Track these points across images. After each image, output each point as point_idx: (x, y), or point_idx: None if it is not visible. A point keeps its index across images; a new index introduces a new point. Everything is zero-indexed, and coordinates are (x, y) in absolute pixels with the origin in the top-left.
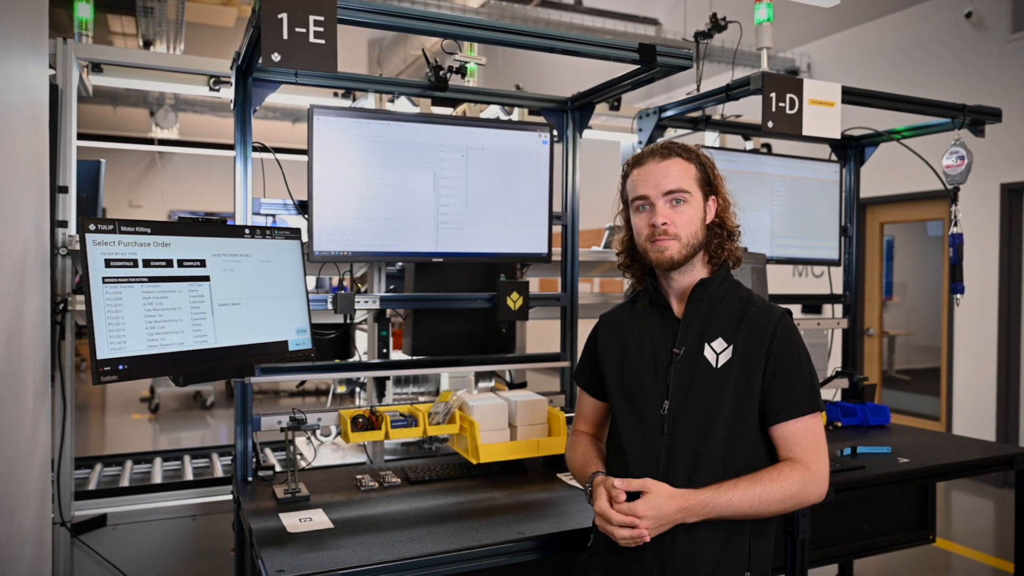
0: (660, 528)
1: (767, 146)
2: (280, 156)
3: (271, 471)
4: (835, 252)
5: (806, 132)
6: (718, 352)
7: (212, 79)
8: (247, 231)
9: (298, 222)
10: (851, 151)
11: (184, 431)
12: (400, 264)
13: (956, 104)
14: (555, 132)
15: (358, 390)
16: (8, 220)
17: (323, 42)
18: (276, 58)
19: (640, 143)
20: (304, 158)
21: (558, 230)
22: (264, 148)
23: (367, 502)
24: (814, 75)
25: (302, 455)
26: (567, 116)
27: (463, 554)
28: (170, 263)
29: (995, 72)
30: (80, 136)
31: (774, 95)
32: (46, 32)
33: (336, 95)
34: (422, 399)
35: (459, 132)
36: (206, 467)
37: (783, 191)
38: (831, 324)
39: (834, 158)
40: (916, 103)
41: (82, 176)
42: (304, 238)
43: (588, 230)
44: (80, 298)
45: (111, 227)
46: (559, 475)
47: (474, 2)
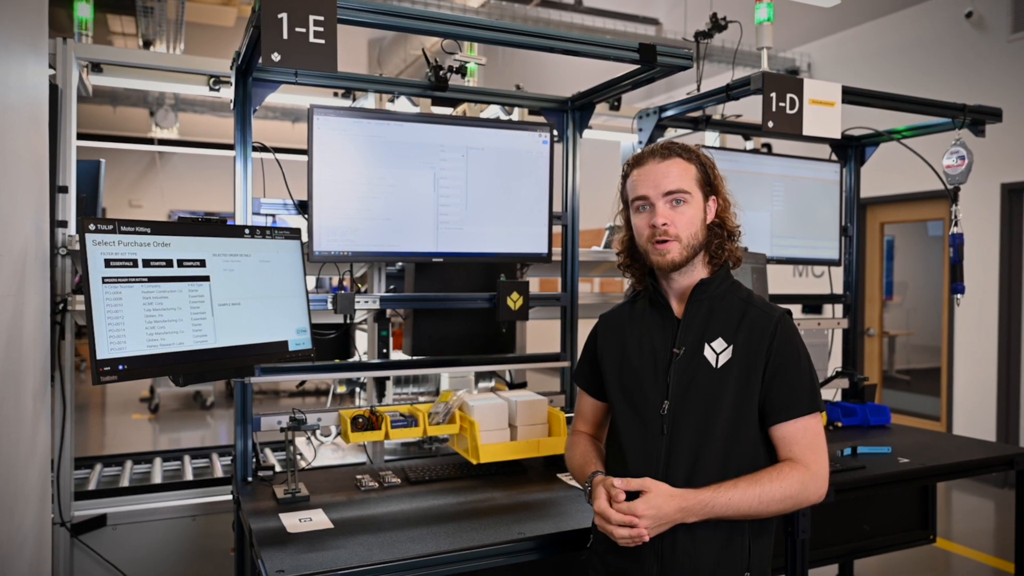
0: (659, 528)
1: (767, 146)
2: (280, 156)
3: (271, 471)
4: (835, 252)
5: (806, 132)
6: (718, 352)
7: (212, 79)
8: (247, 231)
9: (298, 222)
10: (851, 151)
11: (184, 431)
12: (400, 264)
13: (956, 104)
14: (555, 132)
15: (358, 390)
16: (8, 220)
17: (323, 42)
18: (276, 58)
19: (640, 143)
20: (304, 158)
21: (558, 230)
22: (264, 148)
23: (367, 502)
24: (814, 75)
25: (302, 455)
26: (567, 116)
27: (463, 554)
28: (170, 263)
29: (995, 72)
30: (80, 136)
31: (774, 95)
32: (46, 32)
33: (336, 95)
34: (422, 399)
35: (459, 132)
36: (206, 467)
37: (783, 191)
38: (831, 324)
39: (834, 158)
40: (916, 103)
41: (82, 176)
42: (304, 238)
43: (588, 230)
44: (80, 298)
45: (111, 227)
46: (559, 475)
47: (474, 2)
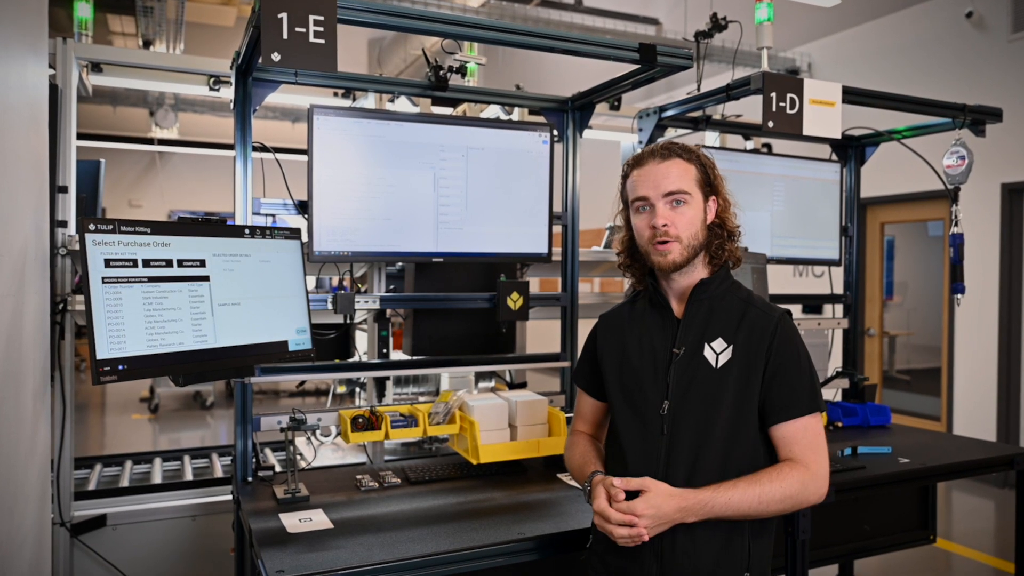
0: (659, 527)
1: (767, 146)
2: (280, 156)
3: (271, 471)
4: (835, 252)
5: (806, 132)
6: (718, 352)
7: (212, 79)
8: (247, 231)
9: (298, 222)
10: (851, 151)
11: (184, 431)
12: (400, 264)
13: (957, 104)
14: (555, 132)
15: (358, 390)
16: (8, 220)
17: (323, 42)
18: (276, 58)
19: (640, 143)
20: (304, 158)
21: (558, 230)
22: (264, 148)
23: (367, 502)
24: (814, 75)
25: (302, 455)
26: (567, 116)
27: (463, 554)
28: (170, 263)
29: (996, 72)
30: (80, 136)
31: (774, 95)
32: (46, 32)
33: (336, 95)
34: (422, 399)
35: (459, 132)
36: (206, 467)
37: (783, 191)
38: (831, 324)
39: (834, 158)
40: (917, 103)
41: (82, 176)
42: (304, 238)
43: (588, 230)
44: (80, 298)
45: (111, 227)
46: (559, 475)
47: (474, 2)
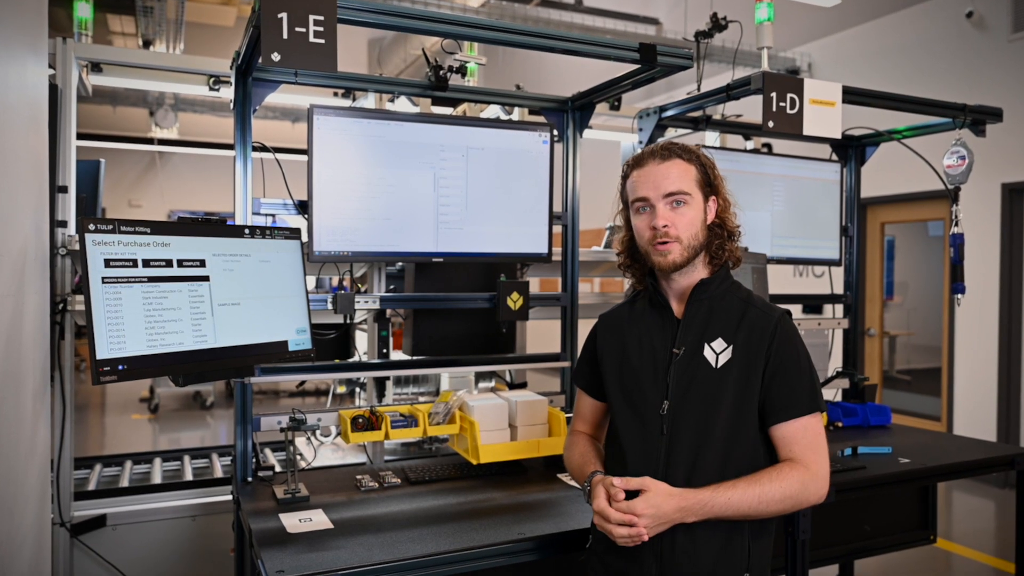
0: (659, 527)
1: (768, 146)
2: (280, 156)
3: (271, 471)
4: (836, 252)
5: (807, 132)
6: (718, 352)
7: (212, 79)
8: (247, 231)
9: (298, 222)
10: (852, 151)
11: (184, 431)
12: (400, 264)
13: (957, 104)
14: (555, 132)
15: (358, 390)
16: (8, 220)
17: (323, 42)
18: (276, 58)
19: (640, 143)
20: (304, 158)
21: (558, 230)
22: (264, 148)
23: (367, 502)
24: (815, 75)
25: (302, 455)
26: (567, 116)
27: (463, 554)
28: (170, 263)
29: (996, 72)
30: (80, 136)
31: (775, 95)
32: (45, 32)
33: (336, 95)
34: (422, 399)
35: (459, 132)
36: (206, 467)
37: (784, 191)
38: (832, 324)
39: (835, 158)
40: (917, 103)
41: (82, 176)
42: (304, 238)
43: (588, 230)
44: (80, 298)
45: (110, 227)
46: (559, 475)
47: (474, 2)
